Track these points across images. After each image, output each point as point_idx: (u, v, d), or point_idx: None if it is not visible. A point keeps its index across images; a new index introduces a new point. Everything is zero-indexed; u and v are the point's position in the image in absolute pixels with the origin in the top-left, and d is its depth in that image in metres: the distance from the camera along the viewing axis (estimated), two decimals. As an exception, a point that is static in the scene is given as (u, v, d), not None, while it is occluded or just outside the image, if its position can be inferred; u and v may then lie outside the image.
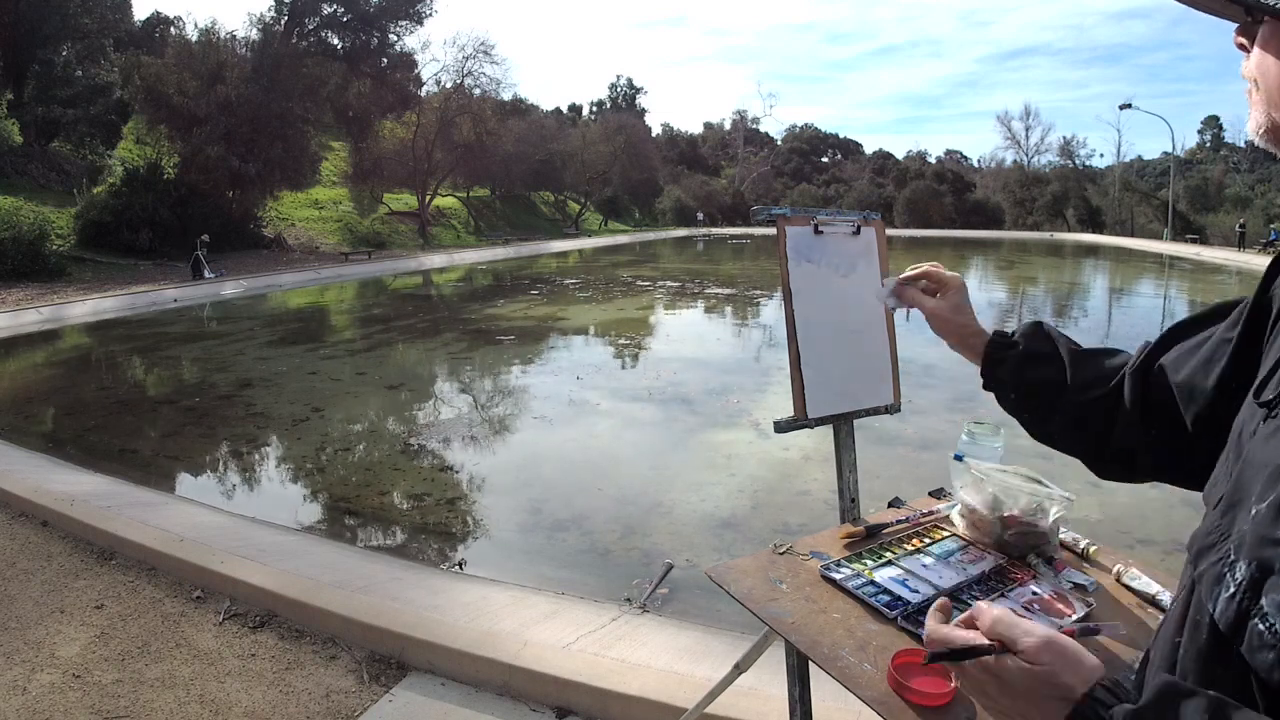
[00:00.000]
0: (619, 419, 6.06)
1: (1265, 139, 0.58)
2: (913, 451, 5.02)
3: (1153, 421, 0.82)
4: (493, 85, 31.14)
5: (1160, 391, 0.81)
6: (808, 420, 1.29)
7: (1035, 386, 0.95)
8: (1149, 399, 0.83)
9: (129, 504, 3.67)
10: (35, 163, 19.26)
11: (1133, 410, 0.84)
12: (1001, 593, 1.09)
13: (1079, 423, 0.90)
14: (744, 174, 56.64)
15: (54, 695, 2.20)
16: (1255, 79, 0.57)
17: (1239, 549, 0.47)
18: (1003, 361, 0.98)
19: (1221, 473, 0.58)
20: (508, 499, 4.35)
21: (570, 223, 40.59)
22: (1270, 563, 0.44)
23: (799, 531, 2.30)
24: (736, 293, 15.22)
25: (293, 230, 23.65)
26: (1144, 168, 55.38)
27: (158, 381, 7.89)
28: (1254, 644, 0.43)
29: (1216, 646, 0.48)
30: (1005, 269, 22.63)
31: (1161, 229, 35.24)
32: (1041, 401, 0.95)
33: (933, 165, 55.36)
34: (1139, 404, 0.84)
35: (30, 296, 12.58)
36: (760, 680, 1.90)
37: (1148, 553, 3.53)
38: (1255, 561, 0.45)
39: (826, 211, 1.33)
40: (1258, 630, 0.43)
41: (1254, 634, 0.43)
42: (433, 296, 16.23)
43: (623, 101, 57.07)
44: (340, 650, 2.43)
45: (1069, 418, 0.91)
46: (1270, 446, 0.49)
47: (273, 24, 22.32)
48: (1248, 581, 0.45)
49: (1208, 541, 0.51)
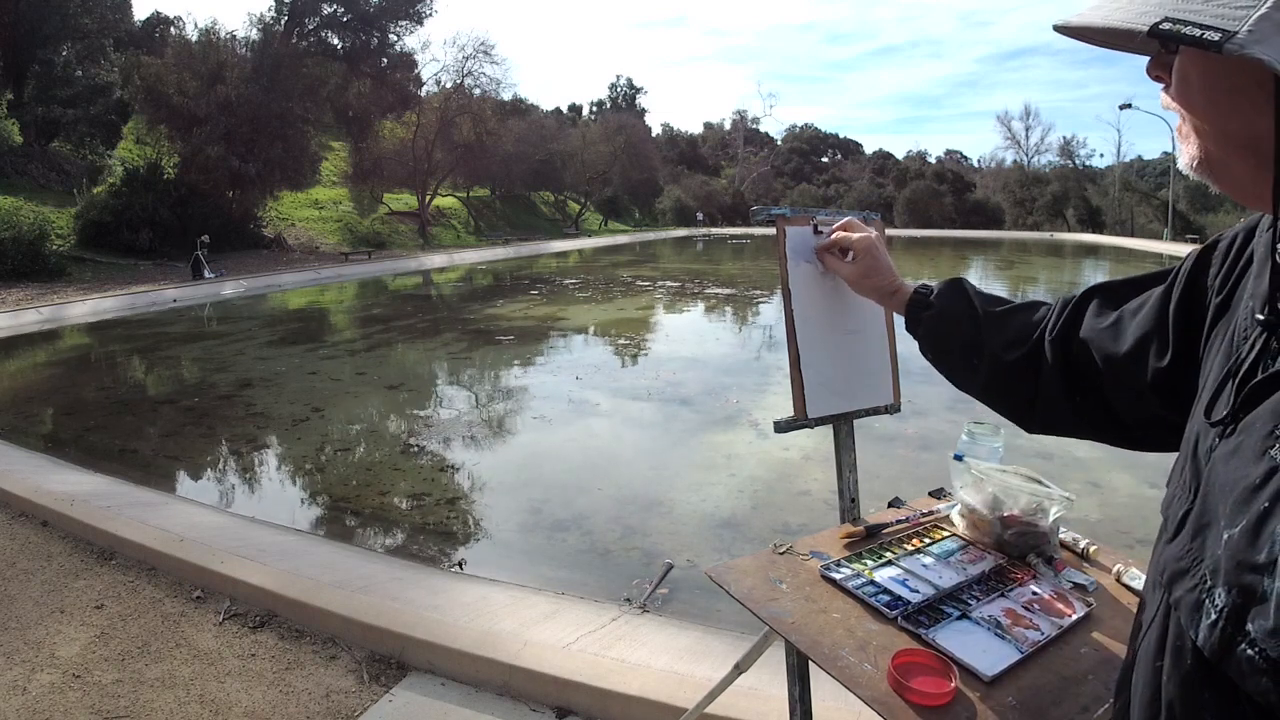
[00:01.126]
0: (619, 419, 6.06)
1: (1200, 172, 0.55)
2: (913, 451, 5.02)
3: (1076, 390, 0.83)
4: (493, 85, 31.19)
5: (1084, 365, 0.82)
6: (808, 420, 1.29)
7: (951, 347, 0.96)
8: (1071, 369, 0.83)
9: (129, 504, 3.67)
10: (35, 163, 19.25)
11: (1055, 377, 0.84)
12: (1001, 592, 1.09)
13: (1000, 383, 0.91)
14: (744, 174, 56.62)
15: (54, 695, 2.20)
16: (1180, 112, 0.55)
17: (1215, 574, 0.46)
18: (920, 322, 1.00)
19: (1178, 487, 0.57)
20: (507, 499, 4.35)
21: (570, 223, 40.58)
22: (1252, 589, 0.43)
23: (799, 531, 2.30)
24: (736, 293, 15.22)
25: (293, 230, 23.64)
26: (1144, 168, 55.33)
27: (158, 381, 7.88)
28: (1245, 670, 0.43)
29: (1202, 672, 0.47)
30: (1005, 269, 22.62)
31: (1161, 229, 35.24)
32: (959, 362, 0.96)
33: (933, 165, 55.34)
34: (1061, 372, 0.84)
35: (30, 296, 12.58)
36: (760, 680, 1.90)
37: (1148, 552, 3.50)
38: (1236, 588, 0.44)
39: (826, 211, 1.33)
40: (1247, 656, 0.43)
41: (1244, 660, 0.43)
42: (433, 296, 16.23)
43: (623, 101, 57.07)
44: (340, 650, 2.43)
45: (989, 378, 0.92)
46: (1232, 466, 0.48)
47: (273, 24, 22.32)
48: (1229, 609, 0.44)
49: (1180, 566, 0.51)
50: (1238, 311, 0.59)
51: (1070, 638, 1.01)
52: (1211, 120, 0.53)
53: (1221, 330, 0.61)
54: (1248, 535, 0.44)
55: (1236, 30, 0.46)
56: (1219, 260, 0.66)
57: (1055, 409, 0.86)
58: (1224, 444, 0.51)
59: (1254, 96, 0.49)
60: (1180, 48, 0.53)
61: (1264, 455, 0.46)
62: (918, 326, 1.00)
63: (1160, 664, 0.53)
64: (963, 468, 1.28)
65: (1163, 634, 0.53)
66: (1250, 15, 0.47)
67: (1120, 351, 0.76)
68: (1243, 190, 0.54)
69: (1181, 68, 0.54)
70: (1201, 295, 0.67)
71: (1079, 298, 0.85)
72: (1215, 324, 0.63)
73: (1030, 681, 0.92)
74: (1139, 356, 0.74)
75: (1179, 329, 0.69)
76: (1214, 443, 0.53)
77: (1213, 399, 0.55)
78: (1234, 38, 0.46)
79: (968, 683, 0.90)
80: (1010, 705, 0.88)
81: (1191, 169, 0.56)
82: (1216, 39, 0.47)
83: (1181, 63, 0.54)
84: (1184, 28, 0.48)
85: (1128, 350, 0.75)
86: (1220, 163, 0.54)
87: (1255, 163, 0.51)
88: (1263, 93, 0.49)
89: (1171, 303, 0.71)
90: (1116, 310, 0.79)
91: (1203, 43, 0.48)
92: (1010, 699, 0.89)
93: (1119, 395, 0.78)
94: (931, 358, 1.00)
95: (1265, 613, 0.42)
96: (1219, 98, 0.52)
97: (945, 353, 0.97)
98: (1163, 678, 0.52)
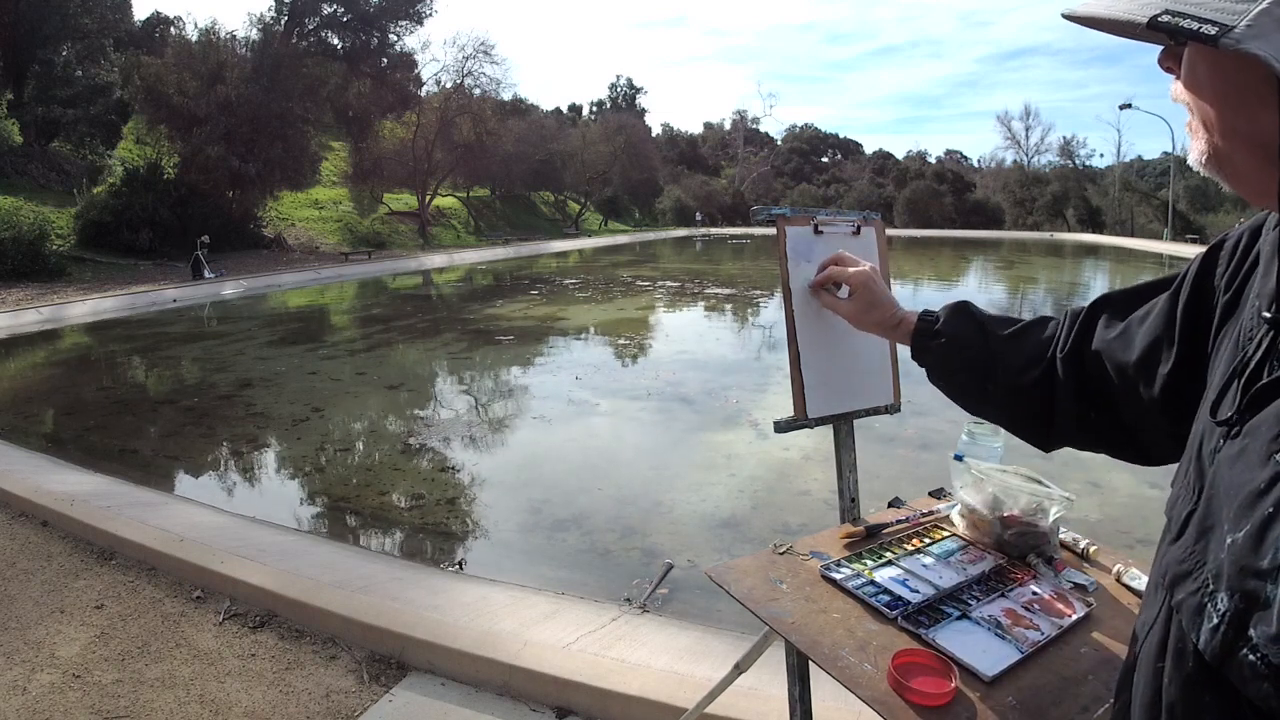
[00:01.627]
0: (619, 419, 6.06)
1: (1208, 167, 0.54)
2: (913, 451, 5.02)
3: (1091, 406, 0.81)
4: (493, 85, 31.19)
5: (1097, 380, 0.80)
6: (808, 420, 1.29)
7: (962, 374, 0.93)
8: (1085, 385, 0.81)
9: (129, 504, 3.67)
10: (35, 163, 19.24)
11: (1069, 395, 0.82)
12: (1001, 593, 1.09)
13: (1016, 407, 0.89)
14: (744, 174, 56.62)
15: (54, 695, 2.20)
16: (1188, 104, 0.54)
17: (1217, 579, 0.46)
18: (928, 351, 0.96)
19: (1182, 488, 0.56)
20: (507, 499, 4.35)
21: (570, 223, 40.58)
22: (1255, 594, 0.43)
23: (799, 531, 2.30)
24: (736, 293, 15.22)
25: (293, 230, 23.64)
26: (1144, 168, 55.33)
27: (158, 381, 7.88)
28: (1246, 675, 0.43)
29: (1203, 675, 0.47)
30: (1005, 269, 22.62)
31: (1162, 229, 35.22)
32: (972, 388, 0.93)
33: (933, 165, 55.33)
34: (1074, 390, 0.82)
35: (30, 296, 12.58)
36: (760, 680, 1.90)
37: (1148, 553, 3.50)
38: (1238, 593, 0.44)
39: (826, 211, 1.33)
40: (1249, 661, 0.43)
41: (1245, 665, 0.43)
42: (432, 296, 16.23)
43: (623, 101, 57.06)
44: (340, 650, 2.43)
45: (1003, 402, 0.90)
46: (1237, 469, 0.48)
47: (273, 24, 22.32)
48: (1232, 613, 0.44)
49: (1182, 569, 0.50)
50: (1244, 310, 0.58)
51: (1070, 638, 1.01)
52: (1219, 114, 0.52)
53: (1229, 330, 0.60)
54: (1252, 540, 0.44)
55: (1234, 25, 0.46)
56: (1225, 259, 0.65)
57: (1071, 427, 0.84)
58: (1229, 446, 0.50)
59: (1260, 92, 0.48)
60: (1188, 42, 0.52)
61: (1269, 460, 0.45)
62: (925, 355, 0.97)
63: (1162, 665, 0.52)
64: (963, 468, 1.28)
65: (1164, 636, 0.53)
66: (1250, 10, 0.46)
67: (1131, 359, 0.74)
68: (1249, 186, 0.53)
69: (1190, 60, 0.53)
70: (1209, 296, 0.66)
71: (1087, 311, 0.83)
72: (1223, 324, 0.62)
73: (1030, 681, 0.92)
74: (1148, 363, 0.72)
75: (1186, 331, 0.68)
76: (1219, 444, 0.52)
77: (1218, 398, 0.54)
78: (1230, 32, 0.45)
79: (968, 683, 0.90)
80: (1010, 705, 0.88)
81: (1200, 164, 0.55)
82: (1213, 33, 0.46)
83: (1190, 55, 0.53)
84: (1182, 20, 0.48)
85: (1138, 357, 0.73)
86: (1227, 158, 0.53)
87: (1262, 158, 0.50)
88: (1268, 88, 0.48)
89: (1179, 305, 0.69)
90: (1125, 319, 0.77)
91: (1199, 36, 0.47)
92: (1010, 699, 0.89)
93: (1132, 406, 0.76)
94: (942, 385, 0.97)
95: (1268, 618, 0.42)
96: (1226, 92, 0.51)
97: (956, 380, 0.94)
98: (1164, 680, 0.52)
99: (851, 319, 1.10)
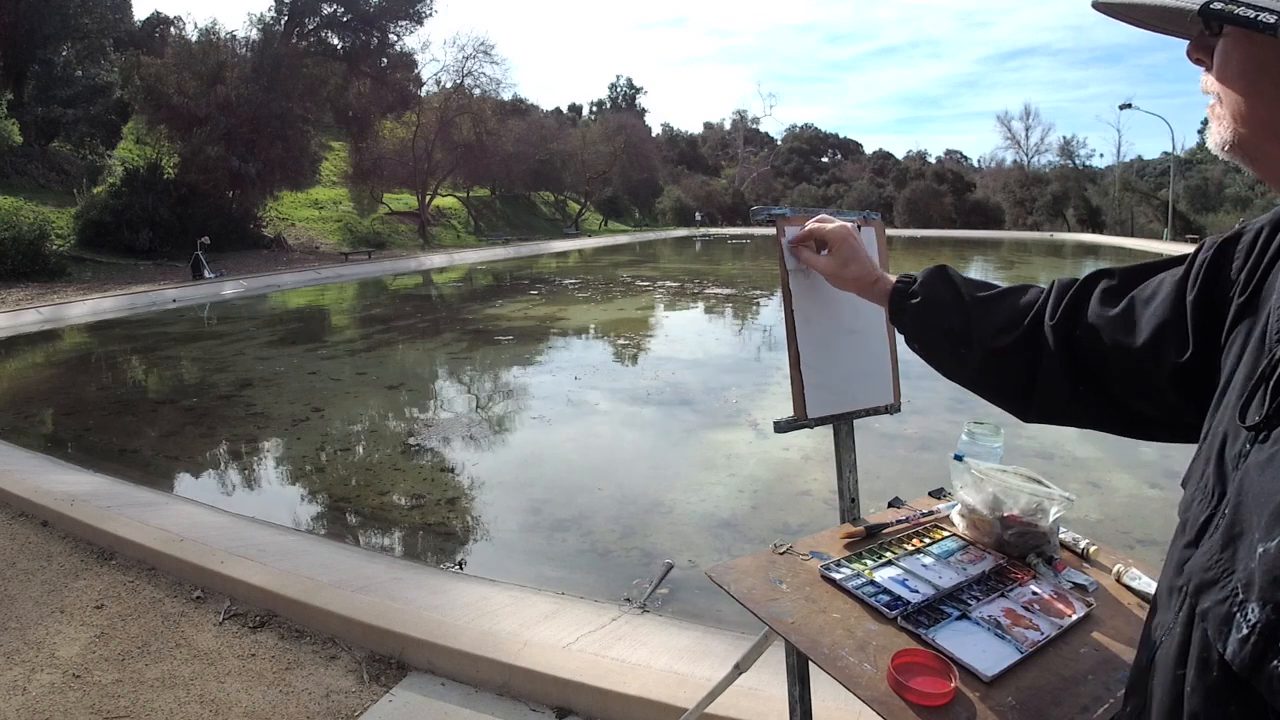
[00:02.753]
0: (619, 419, 6.06)
1: (1232, 154, 0.55)
2: (913, 451, 5.02)
3: (1080, 379, 0.80)
4: (493, 85, 31.15)
5: (1088, 353, 0.79)
6: (807, 420, 1.29)
7: (938, 337, 0.93)
8: (1075, 357, 0.80)
9: (129, 504, 3.67)
10: (35, 163, 19.25)
11: (1058, 367, 0.81)
12: (1001, 593, 1.09)
13: (992, 372, 0.88)
14: (744, 174, 56.60)
15: (54, 695, 2.20)
16: (1218, 94, 0.54)
17: (1248, 588, 0.45)
18: (904, 311, 0.97)
19: (1198, 489, 0.55)
20: (507, 499, 4.35)
21: (570, 223, 40.57)
22: None
23: (799, 531, 2.30)
24: (736, 293, 15.22)
25: (293, 230, 23.63)
26: (1144, 168, 55.27)
27: (158, 381, 7.88)
28: (1277, 688, 0.42)
29: (1230, 685, 0.46)
30: (1005, 269, 22.62)
31: (1162, 229, 35.20)
32: (947, 352, 0.92)
33: (933, 165, 55.28)
34: (1063, 360, 0.81)
35: (30, 296, 12.58)
36: (760, 680, 1.90)
37: (1148, 553, 3.52)
38: (1271, 604, 0.43)
39: (827, 211, 1.33)
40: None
41: (1276, 677, 0.42)
42: (432, 296, 16.22)
43: (623, 101, 57.05)
44: (340, 650, 2.43)
45: (980, 367, 0.89)
46: (1268, 476, 0.47)
47: (273, 24, 22.30)
48: (1264, 624, 0.43)
49: (1208, 577, 0.49)
50: (1267, 307, 0.57)
51: (1070, 638, 1.01)
52: (1251, 105, 0.52)
53: (1246, 326, 0.59)
54: None
55: None
56: (1244, 253, 0.64)
57: (1056, 397, 0.83)
58: (1257, 451, 0.49)
59: None
60: (1225, 29, 0.52)
61: None
62: (902, 316, 0.97)
63: (1182, 673, 0.51)
64: (963, 468, 1.28)
65: (1185, 643, 0.52)
66: None
67: (1136, 344, 0.73)
68: (1277, 176, 0.54)
69: (1224, 51, 0.53)
70: (1224, 289, 0.64)
71: (1081, 283, 0.82)
72: (1239, 319, 0.61)
73: (1030, 682, 0.92)
74: (1156, 350, 0.71)
75: (1198, 323, 0.67)
76: (1244, 448, 0.51)
77: (1245, 401, 0.53)
78: None
79: (967, 683, 0.90)
80: (1010, 705, 0.88)
81: (1222, 150, 0.55)
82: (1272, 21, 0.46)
83: (1225, 46, 0.53)
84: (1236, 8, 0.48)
85: (1144, 342, 0.72)
86: (1255, 147, 0.53)
87: None
88: None
89: (1189, 295, 0.68)
90: (1124, 297, 0.76)
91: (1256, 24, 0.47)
92: (1010, 699, 0.89)
93: (1131, 386, 0.75)
94: (918, 348, 0.97)
95: None
96: (1261, 83, 0.51)
97: (932, 343, 0.94)
98: (1185, 688, 0.51)
99: (829, 274, 1.11)
